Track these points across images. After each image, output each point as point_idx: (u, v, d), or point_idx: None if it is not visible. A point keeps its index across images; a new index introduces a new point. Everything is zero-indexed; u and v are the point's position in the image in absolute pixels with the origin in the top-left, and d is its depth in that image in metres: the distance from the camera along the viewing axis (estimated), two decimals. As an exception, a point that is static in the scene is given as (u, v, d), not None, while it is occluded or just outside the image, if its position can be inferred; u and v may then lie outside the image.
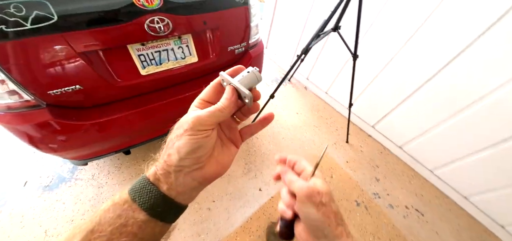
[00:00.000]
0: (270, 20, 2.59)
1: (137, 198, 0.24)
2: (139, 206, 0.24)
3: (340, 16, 1.20)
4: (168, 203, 0.25)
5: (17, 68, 0.70)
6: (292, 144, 1.76)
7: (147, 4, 0.82)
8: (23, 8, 0.64)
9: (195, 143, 0.24)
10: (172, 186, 0.25)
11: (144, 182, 0.25)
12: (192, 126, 0.24)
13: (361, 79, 1.82)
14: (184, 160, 0.25)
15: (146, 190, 0.24)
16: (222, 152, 0.30)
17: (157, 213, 0.24)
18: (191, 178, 0.26)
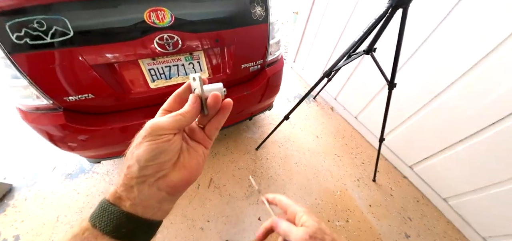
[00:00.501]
0: (301, 33, 2.46)
1: (97, 223, 0.22)
2: (101, 231, 0.22)
3: (376, 37, 1.02)
4: (134, 221, 0.23)
5: (38, 76, 0.79)
6: (305, 171, 1.58)
7: (158, 22, 0.84)
8: (45, 23, 0.71)
9: (155, 149, 0.23)
10: (136, 201, 0.23)
11: (104, 204, 0.23)
12: (150, 131, 0.23)
13: (399, 110, 1.53)
14: (146, 169, 0.23)
15: (107, 212, 0.22)
16: (189, 156, 0.28)
17: (122, 234, 0.23)
18: (156, 188, 0.24)
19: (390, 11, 0.88)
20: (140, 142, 0.23)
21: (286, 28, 3.74)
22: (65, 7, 0.72)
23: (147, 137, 0.23)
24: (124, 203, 0.23)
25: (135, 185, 0.23)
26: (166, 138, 0.24)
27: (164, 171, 0.25)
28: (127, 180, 0.23)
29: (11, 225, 1.11)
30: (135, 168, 0.23)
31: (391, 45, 0.99)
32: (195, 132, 0.31)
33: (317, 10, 2.11)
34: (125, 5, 0.78)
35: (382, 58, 1.19)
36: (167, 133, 0.24)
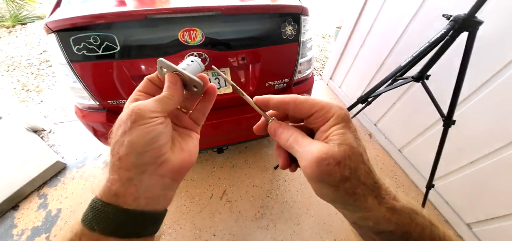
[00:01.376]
0: (342, 49, 2.27)
1: (95, 226, 0.20)
2: (102, 234, 0.20)
3: (430, 63, 0.84)
4: (138, 218, 0.21)
5: (89, 81, 0.93)
6: (327, 204, 1.38)
7: (190, 41, 0.89)
8: (99, 39, 0.83)
9: (152, 131, 0.21)
10: (138, 194, 0.21)
11: (98, 205, 0.20)
12: (141, 113, 0.21)
13: (459, 150, 1.21)
14: (144, 156, 0.21)
15: (103, 214, 0.20)
16: (184, 140, 0.27)
17: (128, 232, 0.21)
18: (159, 175, 0.22)
19: (451, 34, 0.70)
20: (129, 128, 0.20)
21: (327, 43, 3.54)
22: (117, 26, 0.82)
23: (138, 121, 0.21)
24: (124, 199, 0.21)
25: (134, 177, 0.21)
26: (159, 120, 0.22)
27: (164, 155, 0.22)
28: (122, 173, 0.21)
29: (58, 199, 1.34)
30: (131, 157, 0.20)
31: (450, 72, 0.79)
32: (180, 118, 0.29)
33: (362, 26, 1.91)
34: (164, 25, 0.85)
35: (437, 88, 0.96)
36: (159, 115, 0.22)
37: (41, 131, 1.72)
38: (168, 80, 0.25)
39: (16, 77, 2.23)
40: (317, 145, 0.21)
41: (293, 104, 0.24)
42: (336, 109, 0.22)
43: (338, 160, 0.19)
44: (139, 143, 0.21)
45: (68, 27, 0.78)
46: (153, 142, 0.21)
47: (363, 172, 0.20)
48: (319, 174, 0.20)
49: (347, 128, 0.21)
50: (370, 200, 0.20)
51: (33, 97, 2.04)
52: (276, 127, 0.25)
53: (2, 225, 1.20)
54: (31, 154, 1.45)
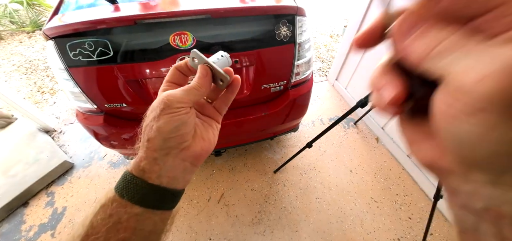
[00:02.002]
0: (348, 48, 2.19)
1: (125, 194, 0.23)
2: (129, 201, 0.23)
3: None
4: (160, 192, 0.25)
5: (86, 85, 0.95)
6: (327, 211, 1.35)
7: (181, 44, 0.89)
8: (93, 45, 0.86)
9: (177, 120, 0.24)
10: (161, 173, 0.24)
11: (128, 176, 0.24)
12: (169, 104, 0.24)
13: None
14: (169, 141, 0.24)
15: (132, 184, 0.23)
16: (205, 130, 0.29)
17: (150, 203, 0.24)
18: (181, 159, 0.25)
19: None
20: (158, 115, 0.23)
21: (335, 42, 3.44)
22: (108, 32, 0.84)
23: (166, 109, 0.23)
24: (149, 175, 0.24)
25: (159, 157, 0.24)
26: (184, 110, 0.24)
27: (186, 142, 0.25)
28: (150, 153, 0.24)
29: (64, 197, 1.40)
30: (158, 140, 0.24)
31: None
32: (205, 107, 0.31)
33: (369, 23, 1.83)
34: (155, 30, 0.86)
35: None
36: (185, 106, 0.25)
37: (53, 131, 1.82)
38: (200, 71, 0.27)
39: (33, 80, 2.38)
40: (504, 49, 0.09)
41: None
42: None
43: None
44: (165, 129, 0.23)
45: (64, 34, 0.80)
46: (177, 130, 0.24)
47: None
48: (505, 95, 0.09)
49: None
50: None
51: (47, 99, 2.16)
52: (416, 21, 0.12)
53: (12, 221, 1.28)
54: (41, 154, 1.53)
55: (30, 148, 1.57)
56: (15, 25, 3.12)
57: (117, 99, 1.01)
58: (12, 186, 1.34)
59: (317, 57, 3.01)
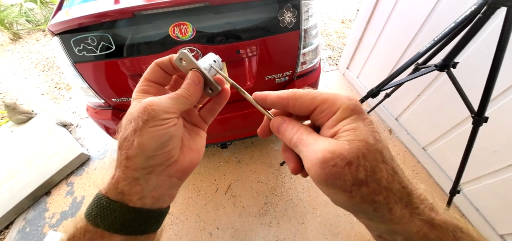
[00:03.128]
0: (359, 35, 2.05)
1: (100, 222, 0.20)
2: (107, 231, 0.20)
3: (457, 49, 0.70)
4: (143, 216, 0.21)
5: (93, 81, 0.97)
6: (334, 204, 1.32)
7: (181, 36, 0.87)
8: (95, 39, 0.86)
9: (164, 135, 0.20)
10: (144, 194, 0.21)
11: (103, 201, 0.20)
12: (154, 115, 0.20)
13: (495, 153, 1.02)
14: (153, 159, 0.20)
15: (109, 211, 0.20)
16: (193, 139, 0.26)
17: (133, 230, 0.21)
18: (166, 176, 0.22)
19: (484, 11, 0.56)
20: (140, 127, 0.19)
21: (347, 28, 3.25)
22: (108, 26, 0.84)
23: (150, 122, 0.20)
24: (129, 197, 0.20)
25: (140, 177, 0.20)
26: (172, 122, 0.21)
27: (173, 157, 0.22)
28: (129, 173, 0.20)
29: (82, 187, 1.49)
30: (140, 158, 0.20)
31: (483, 60, 0.64)
32: (191, 114, 0.28)
33: (383, 7, 1.69)
34: (154, 21, 0.84)
35: (467, 78, 0.81)
36: (172, 117, 0.21)
37: (69, 125, 1.91)
38: (191, 78, 0.23)
39: (50, 76, 2.50)
40: (322, 142, 0.17)
41: (291, 99, 0.20)
42: (343, 100, 0.18)
43: (349, 160, 0.16)
44: (149, 147, 0.20)
45: (67, 29, 0.81)
46: (164, 146, 0.21)
47: (384, 174, 0.16)
48: (325, 177, 0.16)
49: (360, 121, 0.18)
50: (398, 209, 0.16)
51: (64, 95, 2.27)
52: (279, 123, 0.22)
53: (37, 208, 1.39)
54: (60, 146, 1.63)
55: (49, 141, 1.67)
56: (31, 23, 3.26)
57: (123, 93, 1.02)
58: (36, 177, 1.45)
59: (327, 44, 2.87)
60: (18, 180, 1.44)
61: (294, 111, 0.21)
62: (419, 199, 0.16)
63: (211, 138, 1.33)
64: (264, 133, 0.25)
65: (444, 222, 0.16)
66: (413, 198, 0.16)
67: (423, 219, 0.16)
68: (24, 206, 1.38)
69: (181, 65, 0.24)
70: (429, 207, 0.16)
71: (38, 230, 1.31)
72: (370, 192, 0.16)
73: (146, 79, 0.24)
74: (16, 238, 1.28)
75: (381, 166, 0.16)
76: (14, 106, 1.78)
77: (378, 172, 0.16)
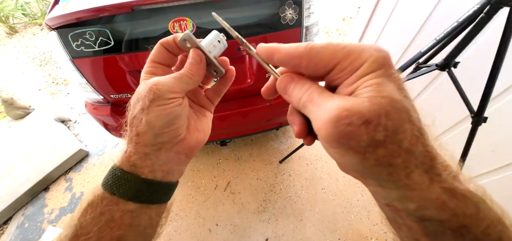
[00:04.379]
0: (361, 32, 2.04)
1: (116, 190, 0.21)
2: (121, 198, 0.21)
3: (459, 48, 0.70)
4: (154, 187, 0.23)
5: (91, 76, 0.96)
6: (333, 202, 1.33)
7: (181, 32, 0.85)
8: (93, 35, 0.85)
9: (170, 113, 0.21)
10: (155, 167, 0.23)
11: (118, 172, 0.22)
12: (159, 94, 0.21)
13: (493, 152, 1.03)
14: (161, 136, 0.22)
15: (123, 181, 0.21)
16: (199, 120, 0.27)
17: (145, 199, 0.23)
18: (175, 153, 0.24)
19: (487, 10, 0.55)
20: (147, 106, 0.20)
21: (348, 26, 3.23)
22: (107, 20, 0.82)
23: (156, 101, 0.20)
24: (141, 169, 0.22)
25: (151, 152, 0.22)
26: (177, 102, 0.22)
27: (180, 135, 0.23)
28: (140, 148, 0.22)
29: (81, 183, 1.48)
30: (148, 135, 0.21)
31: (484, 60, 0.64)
32: (197, 95, 0.29)
33: (384, 5, 1.68)
34: (153, 16, 0.83)
35: (467, 78, 0.81)
36: (177, 96, 0.22)
37: (68, 121, 1.90)
38: (193, 57, 0.24)
39: (47, 71, 2.48)
40: (338, 100, 0.15)
41: (306, 57, 0.17)
42: (371, 52, 0.15)
43: (367, 118, 0.13)
44: (156, 124, 0.21)
45: (65, 24, 0.80)
46: (170, 124, 0.22)
47: (408, 135, 0.14)
48: (337, 137, 0.14)
49: (386, 76, 0.15)
50: (417, 175, 0.14)
51: (61, 90, 2.25)
52: (287, 82, 0.19)
53: (36, 204, 1.38)
54: (58, 142, 1.62)
55: (47, 137, 1.66)
56: (28, 17, 3.21)
57: (121, 89, 1.01)
58: (34, 172, 1.44)
59: (327, 41, 2.85)
60: (16, 176, 1.44)
61: (307, 71, 0.18)
62: (442, 165, 0.15)
63: (210, 135, 1.33)
64: (269, 93, 0.23)
65: (468, 192, 0.14)
66: (436, 163, 0.14)
67: (444, 187, 0.14)
68: (22, 202, 1.38)
69: (185, 46, 0.24)
70: (453, 175, 0.15)
71: (37, 225, 1.31)
72: (387, 154, 0.14)
73: (152, 60, 0.25)
74: (15, 233, 1.28)
75: (406, 126, 0.14)
76: (11, 101, 1.77)
77: (401, 133, 0.14)
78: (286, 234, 1.22)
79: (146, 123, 0.21)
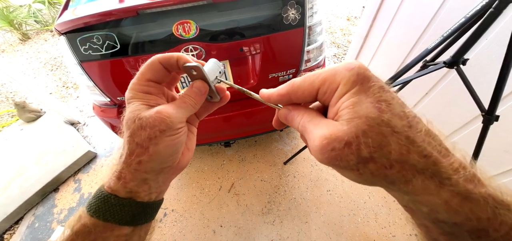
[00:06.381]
0: (366, 31, 2.02)
1: (110, 218, 0.21)
2: (118, 224, 0.21)
3: (467, 45, 0.68)
4: (148, 208, 0.24)
5: (98, 79, 0.99)
6: (339, 204, 1.31)
7: (185, 34, 0.87)
8: (101, 38, 0.87)
9: (178, 143, 0.23)
10: (152, 190, 0.23)
11: (112, 199, 0.21)
12: (171, 125, 0.22)
13: (505, 152, 0.99)
14: (166, 162, 0.23)
15: (119, 207, 0.21)
16: (189, 139, 0.28)
17: (140, 221, 0.23)
18: (171, 174, 0.25)
19: (495, 5, 0.54)
20: (157, 136, 0.21)
21: (352, 25, 3.20)
22: (113, 25, 0.84)
23: (167, 132, 0.21)
24: (138, 194, 0.22)
25: (150, 178, 0.22)
26: (183, 130, 0.23)
27: (178, 159, 0.25)
28: (139, 175, 0.21)
29: (89, 184, 1.52)
30: (153, 164, 0.22)
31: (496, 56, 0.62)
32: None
33: (389, 2, 1.65)
34: (158, 20, 0.85)
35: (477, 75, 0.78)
36: (183, 125, 0.23)
37: (77, 123, 1.95)
38: (199, 88, 0.25)
39: (58, 76, 2.56)
40: (320, 128, 0.17)
41: (291, 93, 0.20)
42: (343, 74, 0.17)
43: (347, 141, 0.15)
44: (165, 154, 0.22)
45: (73, 29, 0.83)
46: (176, 152, 0.23)
47: (395, 146, 0.14)
48: (327, 161, 0.17)
49: (362, 93, 0.16)
50: (419, 181, 0.14)
51: (71, 94, 2.32)
52: (285, 114, 0.22)
53: (46, 204, 1.42)
54: (68, 144, 1.66)
55: (57, 139, 1.71)
56: (40, 24, 3.33)
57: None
58: (45, 173, 1.49)
59: (332, 42, 2.83)
60: (28, 177, 1.48)
61: (299, 101, 0.21)
62: (451, 168, 0.14)
63: (215, 136, 1.34)
64: (278, 125, 0.25)
65: (485, 195, 0.14)
66: (442, 167, 0.14)
67: (454, 191, 0.14)
68: (33, 202, 1.42)
69: (190, 72, 0.24)
70: (466, 177, 0.14)
71: (47, 225, 1.34)
72: (379, 168, 0.15)
73: (147, 79, 0.24)
74: (25, 233, 1.32)
75: (390, 139, 0.14)
76: (23, 105, 1.83)
77: (385, 146, 0.14)
78: (291, 237, 1.21)
79: (153, 152, 0.21)
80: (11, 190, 1.43)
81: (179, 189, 1.46)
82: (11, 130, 1.85)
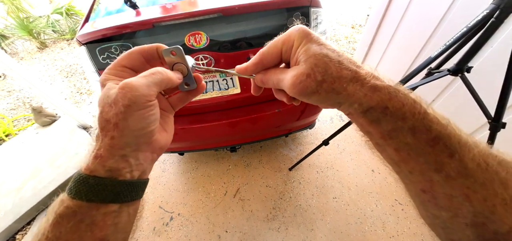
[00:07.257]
0: (371, 38, 2.04)
1: (93, 197, 0.21)
2: (103, 202, 0.21)
3: (471, 53, 0.69)
4: (133, 186, 0.24)
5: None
6: (345, 212, 1.30)
7: (196, 44, 0.92)
8: (118, 49, 0.93)
9: (148, 117, 0.23)
10: (131, 169, 0.23)
11: (90, 180, 0.21)
12: (134, 100, 0.21)
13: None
14: (139, 138, 0.23)
15: (100, 187, 0.21)
16: (164, 121, 0.29)
17: (126, 198, 0.23)
18: (150, 152, 0.25)
19: (497, 15, 0.55)
20: (124, 111, 0.21)
21: (357, 33, 3.23)
22: (130, 36, 0.90)
23: (133, 106, 0.21)
24: (120, 172, 0.22)
25: (128, 154, 0.22)
26: (152, 105, 0.23)
27: (154, 136, 0.25)
28: (115, 151, 0.21)
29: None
30: (126, 138, 0.22)
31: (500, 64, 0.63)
32: (160, 100, 0.29)
33: (394, 11, 1.68)
34: (172, 31, 0.90)
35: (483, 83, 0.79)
36: (153, 99, 0.23)
37: (90, 128, 2.03)
38: (176, 72, 0.27)
39: (72, 82, 2.68)
40: (290, 72, 0.23)
41: (263, 58, 0.26)
42: (294, 32, 0.24)
43: (307, 73, 0.22)
44: (135, 127, 0.22)
45: (93, 39, 0.89)
46: (148, 126, 0.23)
47: (332, 68, 0.21)
48: (299, 92, 0.23)
49: (308, 41, 0.23)
50: (351, 87, 0.21)
51: (85, 99, 2.42)
52: (261, 76, 0.27)
53: (58, 205, 1.47)
54: (81, 147, 1.73)
55: (71, 142, 1.78)
56: (57, 33, 3.53)
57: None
58: (58, 176, 1.54)
59: (336, 49, 2.86)
60: (41, 179, 1.54)
61: (270, 64, 0.27)
62: (365, 74, 0.21)
63: (221, 141, 1.37)
64: (256, 90, 0.30)
65: (384, 86, 0.21)
66: (359, 75, 0.21)
67: (369, 86, 0.21)
68: (45, 203, 1.47)
69: (169, 57, 0.26)
70: (374, 76, 0.21)
71: (58, 226, 1.38)
72: (329, 84, 0.21)
73: (122, 65, 0.25)
74: (38, 233, 1.36)
75: (330, 64, 0.21)
76: (40, 110, 1.92)
77: (328, 69, 0.21)
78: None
79: (123, 127, 0.21)
80: (25, 192, 1.49)
81: (185, 193, 1.49)
82: (27, 134, 1.94)
